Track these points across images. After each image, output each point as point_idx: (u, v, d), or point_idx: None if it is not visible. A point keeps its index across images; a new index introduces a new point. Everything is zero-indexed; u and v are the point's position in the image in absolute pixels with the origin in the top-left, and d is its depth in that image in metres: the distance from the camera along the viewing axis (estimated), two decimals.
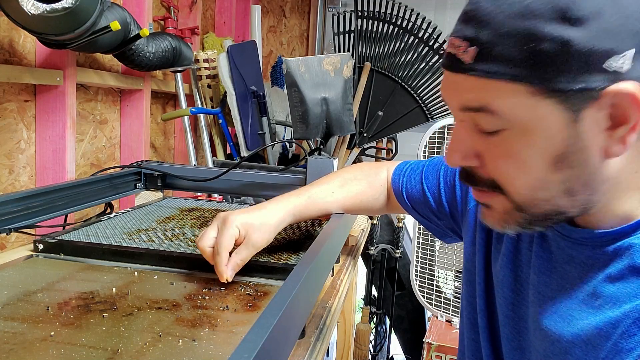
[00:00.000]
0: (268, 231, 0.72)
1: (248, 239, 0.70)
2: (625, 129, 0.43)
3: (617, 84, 0.41)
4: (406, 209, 0.84)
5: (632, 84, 0.41)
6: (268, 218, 0.73)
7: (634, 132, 0.43)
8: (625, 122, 0.43)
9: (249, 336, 0.41)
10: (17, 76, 1.02)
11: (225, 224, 0.69)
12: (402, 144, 2.14)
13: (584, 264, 0.51)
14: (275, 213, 0.75)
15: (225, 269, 0.67)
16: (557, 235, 0.54)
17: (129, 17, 1.14)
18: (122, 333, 0.54)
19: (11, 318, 0.56)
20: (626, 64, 0.41)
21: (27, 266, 0.74)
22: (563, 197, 0.47)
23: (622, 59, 0.41)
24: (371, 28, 2.04)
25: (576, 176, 0.46)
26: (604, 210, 0.49)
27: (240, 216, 0.70)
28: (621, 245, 0.48)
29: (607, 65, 0.41)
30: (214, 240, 0.69)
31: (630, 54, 0.41)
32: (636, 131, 0.43)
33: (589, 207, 0.48)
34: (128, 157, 1.46)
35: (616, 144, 0.44)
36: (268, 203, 0.77)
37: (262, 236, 0.71)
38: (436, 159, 0.81)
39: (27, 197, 0.83)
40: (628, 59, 0.41)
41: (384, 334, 2.37)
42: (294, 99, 1.48)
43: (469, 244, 0.69)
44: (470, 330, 0.67)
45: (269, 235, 0.72)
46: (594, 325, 0.48)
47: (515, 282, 0.59)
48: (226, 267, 0.67)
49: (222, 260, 0.67)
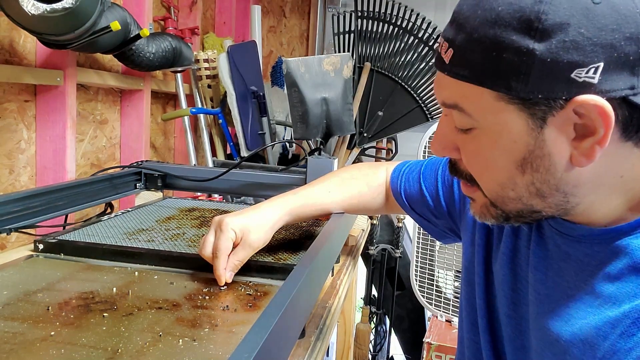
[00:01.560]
0: (264, 231, 0.72)
1: (245, 240, 0.70)
2: (592, 141, 0.43)
3: (585, 95, 0.41)
4: (404, 209, 0.84)
5: (600, 96, 0.41)
6: (264, 218, 0.74)
7: (601, 145, 0.43)
8: (592, 134, 0.43)
9: (249, 336, 0.41)
10: (17, 76, 1.02)
11: (221, 228, 0.69)
12: (402, 144, 2.14)
13: (580, 261, 0.51)
14: (271, 213, 0.75)
15: (223, 272, 0.68)
16: (554, 232, 0.54)
17: (129, 17, 1.14)
18: (122, 333, 0.54)
19: (11, 318, 0.56)
20: (597, 77, 0.41)
21: (28, 266, 0.74)
22: (533, 197, 0.48)
23: (590, 71, 0.41)
24: (371, 28, 2.04)
25: (543, 180, 0.47)
26: (593, 209, 0.49)
27: (235, 219, 0.71)
28: (619, 244, 0.48)
29: (576, 76, 0.41)
30: None
31: (599, 67, 0.40)
32: (603, 144, 0.43)
33: (569, 208, 0.49)
34: (128, 157, 1.46)
35: (582, 155, 0.44)
36: (263, 203, 0.78)
37: (259, 236, 0.71)
38: (434, 159, 0.81)
39: (27, 197, 0.83)
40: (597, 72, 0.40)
41: (384, 333, 2.37)
42: (294, 99, 1.48)
43: (468, 244, 0.69)
44: (470, 331, 0.67)
45: (266, 235, 0.73)
46: (592, 325, 0.47)
47: (514, 280, 0.59)
48: (224, 271, 0.68)
49: (220, 264, 0.68)
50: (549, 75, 0.41)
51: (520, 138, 0.45)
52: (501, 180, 0.49)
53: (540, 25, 0.41)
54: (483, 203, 0.53)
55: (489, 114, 0.46)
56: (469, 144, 0.50)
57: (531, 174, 0.47)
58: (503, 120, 0.45)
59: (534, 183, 0.47)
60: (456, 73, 0.46)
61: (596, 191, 0.47)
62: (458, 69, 0.46)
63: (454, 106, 0.48)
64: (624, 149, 0.45)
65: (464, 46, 0.45)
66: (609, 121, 0.42)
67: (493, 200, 0.51)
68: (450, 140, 0.52)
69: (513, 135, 0.46)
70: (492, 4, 0.43)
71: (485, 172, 0.50)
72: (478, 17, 0.44)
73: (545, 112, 0.43)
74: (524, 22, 0.41)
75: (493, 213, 0.52)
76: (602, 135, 0.43)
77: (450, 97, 0.48)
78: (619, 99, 0.42)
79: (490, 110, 0.46)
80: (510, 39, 0.42)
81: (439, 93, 0.50)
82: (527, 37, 0.41)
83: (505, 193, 0.49)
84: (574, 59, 0.40)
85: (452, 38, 0.46)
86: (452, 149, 0.53)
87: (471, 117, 0.47)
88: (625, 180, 0.47)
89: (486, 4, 0.43)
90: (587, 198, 0.48)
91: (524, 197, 0.49)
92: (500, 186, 0.49)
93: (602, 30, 0.40)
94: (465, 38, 0.45)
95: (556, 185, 0.47)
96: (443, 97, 0.50)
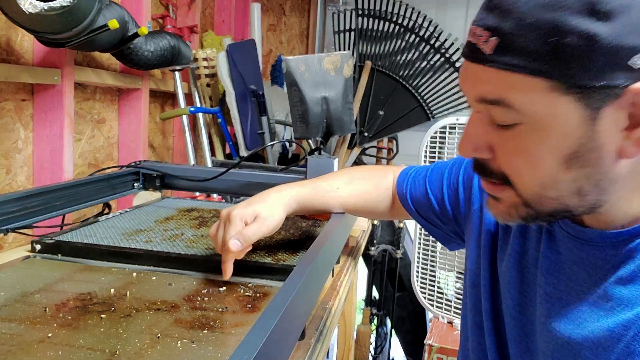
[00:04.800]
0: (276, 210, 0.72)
1: (258, 218, 0.70)
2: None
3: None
4: (410, 213, 0.83)
5: None
6: (274, 203, 0.74)
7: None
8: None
9: (248, 338, 0.41)
10: (14, 75, 1.01)
11: (230, 220, 0.69)
12: (403, 143, 2.14)
13: (593, 265, 0.50)
14: (280, 198, 0.75)
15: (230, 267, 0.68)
16: (565, 235, 0.53)
17: (127, 16, 1.13)
18: (120, 334, 0.53)
19: (8, 319, 0.56)
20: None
21: (25, 267, 0.73)
22: (573, 196, 0.46)
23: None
24: (372, 26, 2.04)
25: (587, 176, 0.45)
26: (613, 210, 0.48)
27: (244, 209, 0.70)
28: (632, 247, 0.47)
29: (632, 63, 0.39)
30: None
31: None
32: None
33: (597, 207, 0.48)
34: (126, 157, 1.46)
35: (633, 144, 0.43)
36: (271, 191, 0.77)
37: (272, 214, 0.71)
38: (441, 163, 0.81)
39: (24, 197, 0.82)
40: None
41: (384, 335, 2.37)
42: (293, 98, 1.47)
43: (474, 247, 0.68)
44: (476, 334, 0.66)
45: (279, 215, 0.72)
46: (605, 328, 0.47)
47: (521, 283, 0.58)
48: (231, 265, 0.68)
49: (229, 256, 0.67)
50: (611, 61, 0.40)
51: (573, 131, 0.43)
52: (543, 179, 0.46)
53: (603, 7, 0.39)
54: (512, 203, 0.50)
55: (540, 107, 0.43)
56: (510, 141, 0.46)
57: (577, 170, 0.45)
58: (556, 112, 0.43)
59: (578, 179, 0.45)
60: (504, 63, 0.42)
61: (624, 189, 0.46)
62: (507, 59, 0.42)
63: (497, 102, 0.45)
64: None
65: (514, 33, 0.42)
66: None
67: (529, 200, 0.48)
68: (483, 139, 0.48)
69: (565, 128, 0.43)
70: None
71: (527, 171, 0.46)
72: (528, 1, 0.41)
73: (602, 101, 0.41)
74: (586, 4, 0.39)
75: (523, 213, 0.49)
76: None
77: (493, 92, 0.45)
78: None
79: (543, 102, 0.42)
80: (572, 22, 0.39)
81: (474, 88, 0.47)
82: (590, 19, 0.39)
83: (546, 192, 0.47)
84: (636, 43, 0.39)
85: (496, 26, 0.43)
86: (484, 149, 0.49)
87: (517, 112, 0.44)
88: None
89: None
90: (614, 196, 0.47)
91: (563, 196, 0.46)
92: (541, 185, 0.46)
93: None
94: (515, 24, 0.41)
95: (597, 180, 0.45)
96: (481, 93, 0.46)
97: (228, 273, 0.68)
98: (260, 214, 0.70)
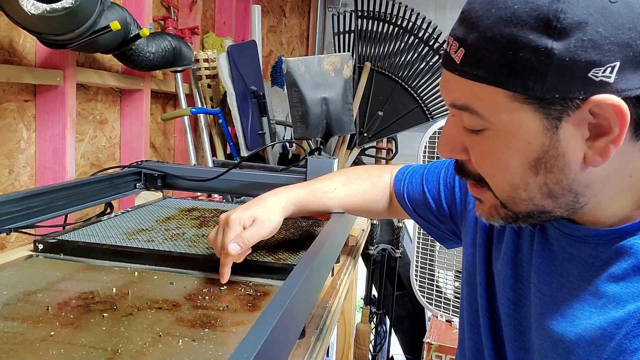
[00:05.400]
0: (274, 214, 0.73)
1: (256, 221, 0.70)
2: (607, 141, 0.43)
3: (601, 94, 0.41)
4: (407, 211, 0.83)
5: (617, 96, 0.41)
6: (271, 206, 0.74)
7: (616, 144, 0.43)
8: (607, 134, 0.43)
9: (249, 336, 0.41)
10: (17, 76, 1.02)
11: (228, 224, 0.69)
12: (402, 144, 2.14)
13: (585, 262, 0.50)
14: (277, 201, 0.76)
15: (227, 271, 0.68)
16: (558, 233, 0.54)
17: (129, 17, 1.14)
18: (122, 333, 0.54)
19: (11, 318, 0.56)
20: (613, 76, 0.40)
21: (27, 266, 0.74)
22: (545, 198, 0.48)
23: (607, 70, 0.40)
24: (371, 28, 2.04)
25: (556, 180, 0.46)
26: (598, 210, 0.49)
27: (242, 213, 0.71)
28: (624, 244, 0.48)
29: (593, 75, 0.41)
30: None
31: (616, 66, 0.40)
32: (617, 143, 0.43)
33: (578, 208, 0.49)
34: (128, 157, 1.46)
35: (596, 154, 0.44)
36: (268, 194, 0.78)
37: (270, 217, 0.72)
38: (438, 162, 0.81)
39: (27, 197, 0.83)
40: (613, 71, 0.40)
41: (384, 334, 2.37)
42: (294, 99, 1.48)
43: (470, 245, 0.69)
44: (472, 332, 0.67)
45: (277, 218, 0.73)
46: (597, 325, 0.47)
47: (516, 281, 0.59)
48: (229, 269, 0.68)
49: (227, 260, 0.68)
50: (567, 74, 0.41)
51: (534, 138, 0.45)
52: (513, 181, 0.48)
53: (558, 24, 0.40)
54: (492, 204, 0.52)
55: (502, 115, 0.45)
56: (480, 144, 0.49)
57: (544, 175, 0.46)
58: (517, 120, 0.45)
59: (547, 184, 0.47)
60: (468, 73, 0.45)
61: (605, 191, 0.47)
62: (470, 69, 0.45)
63: (464, 107, 0.47)
64: (634, 149, 0.45)
65: (476, 45, 0.44)
66: (625, 120, 0.42)
67: (504, 201, 0.50)
68: (458, 141, 0.51)
69: (528, 135, 0.45)
70: (507, 2, 0.42)
71: (496, 173, 0.49)
72: (492, 15, 0.43)
73: (561, 112, 0.43)
74: (541, 20, 0.40)
75: (502, 214, 0.51)
76: (617, 135, 0.42)
77: (460, 98, 0.47)
78: (633, 98, 0.41)
79: (504, 110, 0.45)
80: (528, 37, 0.41)
81: (448, 94, 0.49)
82: (545, 36, 0.40)
83: (517, 194, 0.49)
84: (592, 58, 0.40)
85: (463, 37, 0.45)
86: (460, 150, 0.51)
87: (483, 118, 0.46)
88: (633, 180, 0.47)
89: (500, 2, 0.43)
90: (596, 198, 0.48)
91: (535, 198, 0.48)
92: (512, 187, 0.48)
93: (618, 29, 0.40)
94: (478, 37, 0.44)
95: (569, 185, 0.46)
96: (452, 98, 0.48)
97: (226, 277, 0.68)
98: (259, 218, 0.71)
